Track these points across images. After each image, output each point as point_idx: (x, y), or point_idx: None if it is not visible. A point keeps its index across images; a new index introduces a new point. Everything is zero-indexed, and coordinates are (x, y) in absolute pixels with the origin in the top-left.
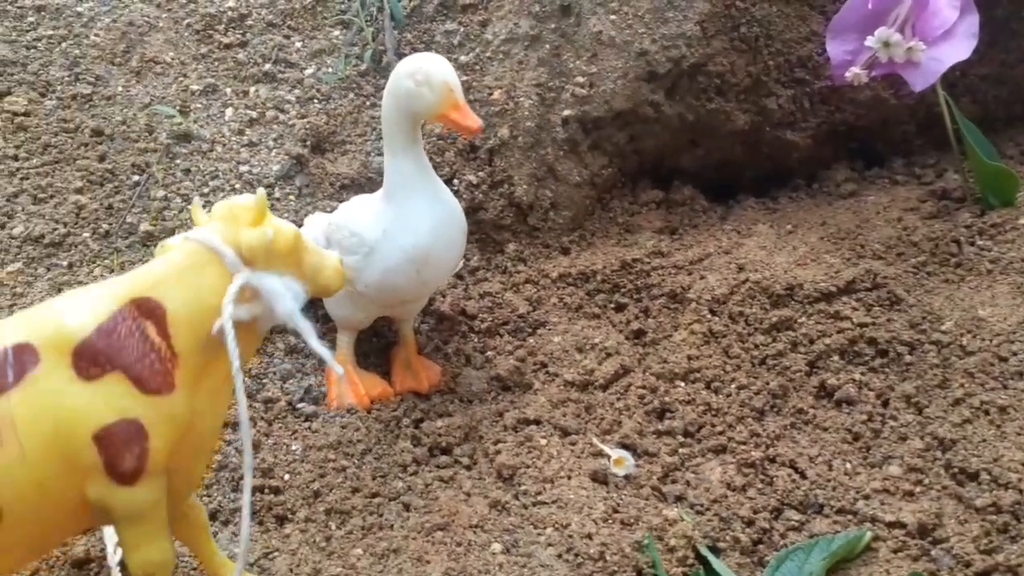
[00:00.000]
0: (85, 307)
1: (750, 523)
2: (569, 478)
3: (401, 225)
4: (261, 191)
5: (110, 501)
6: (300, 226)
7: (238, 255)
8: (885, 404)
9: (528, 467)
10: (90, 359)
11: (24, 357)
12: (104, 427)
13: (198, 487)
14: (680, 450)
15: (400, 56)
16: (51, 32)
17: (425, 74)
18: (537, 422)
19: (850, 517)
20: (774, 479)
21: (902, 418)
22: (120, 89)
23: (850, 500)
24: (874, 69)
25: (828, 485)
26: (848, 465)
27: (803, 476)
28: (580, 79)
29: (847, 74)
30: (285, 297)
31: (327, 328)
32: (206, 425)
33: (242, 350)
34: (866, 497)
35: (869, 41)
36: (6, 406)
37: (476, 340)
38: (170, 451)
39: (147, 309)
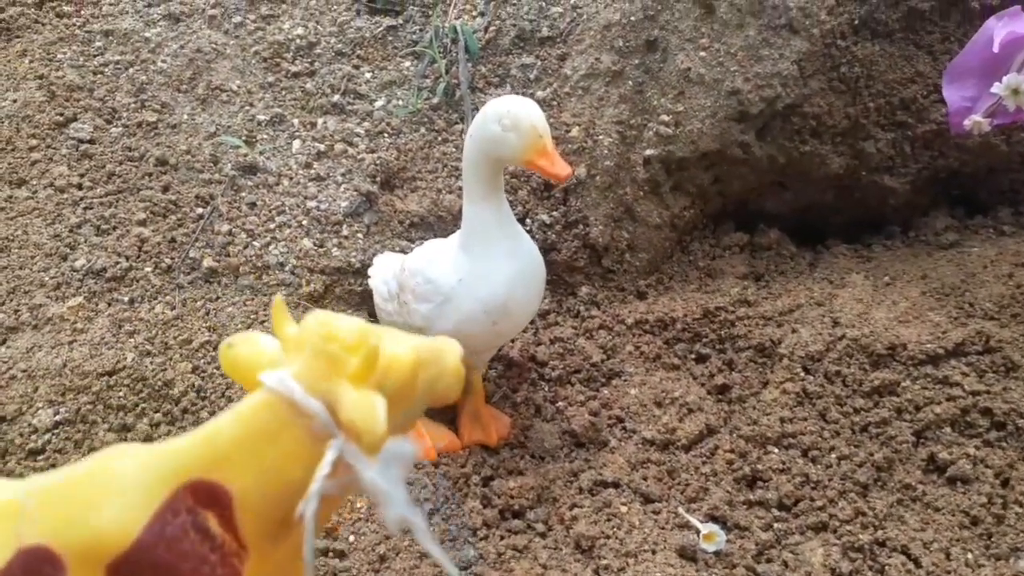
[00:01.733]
0: (123, 499)
1: None
2: (654, 552)
3: (478, 275)
4: (362, 325)
5: None
6: (368, 266)
7: (330, 411)
8: (1005, 484)
9: (608, 538)
10: None
11: (43, 569)
12: None
13: None
14: (775, 525)
15: (474, 90)
16: (118, 58)
17: (513, 118)
18: (616, 485)
19: None
20: (885, 567)
21: None
22: (186, 117)
23: None
24: (997, 117)
25: None
26: (969, 555)
27: (918, 564)
28: (665, 117)
29: (966, 122)
30: (396, 491)
31: None
32: None
33: (324, 518)
34: None
35: (995, 88)
36: None
37: (547, 389)
38: None
39: (208, 496)
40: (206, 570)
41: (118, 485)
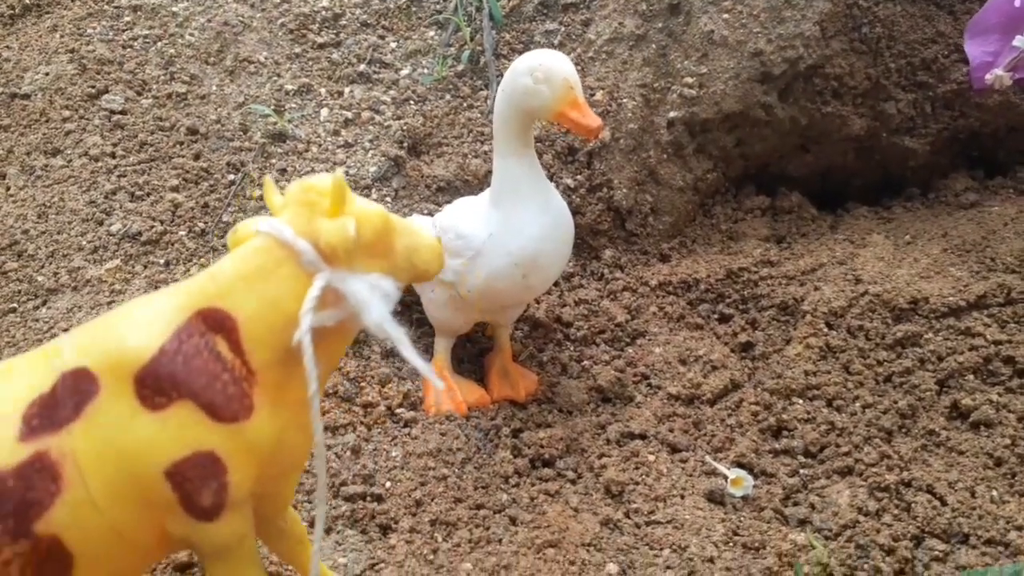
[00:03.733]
0: (145, 323)
1: (890, 551)
2: (682, 497)
3: (509, 229)
4: (339, 172)
5: (192, 537)
6: None
7: (317, 250)
8: None
9: (637, 484)
10: (154, 386)
11: (83, 385)
12: (175, 462)
13: (289, 504)
14: (801, 471)
15: (498, 57)
16: (147, 32)
17: (546, 71)
18: (643, 436)
19: (1001, 549)
20: (911, 505)
21: None
22: (215, 88)
23: (1000, 530)
24: (1018, 71)
25: (973, 514)
26: (994, 492)
27: (943, 503)
28: (689, 79)
29: (987, 76)
30: (372, 303)
31: (422, 332)
32: (294, 441)
33: (330, 355)
34: (1019, 528)
35: (1017, 41)
36: (68, 442)
37: (572, 348)
38: (254, 480)
39: (215, 322)
40: (218, 386)
41: (141, 314)
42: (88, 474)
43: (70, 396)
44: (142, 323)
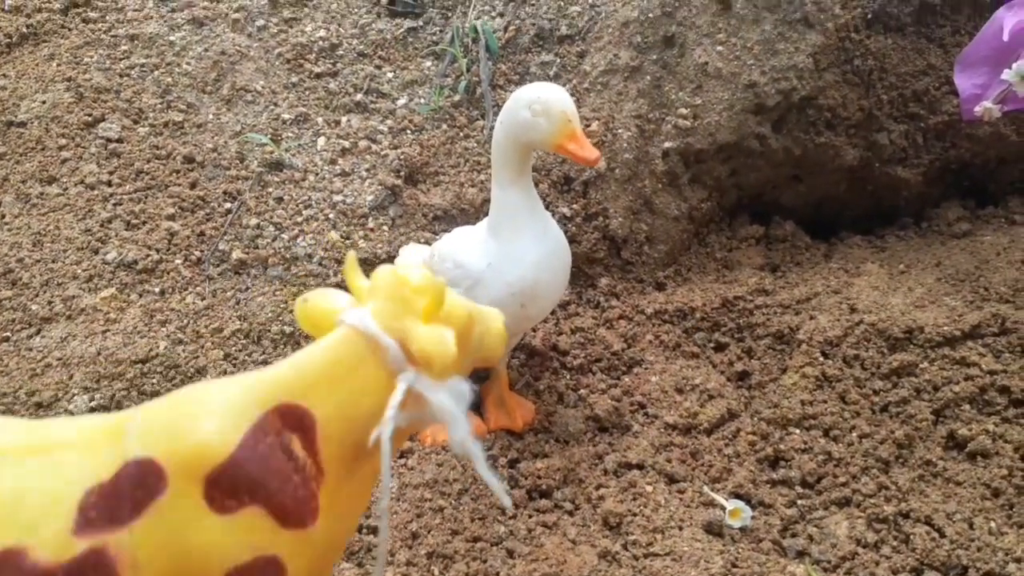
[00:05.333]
0: (220, 416)
1: None
2: (681, 528)
3: (507, 259)
4: (429, 274)
5: None
6: (394, 257)
7: (402, 348)
8: None
9: (635, 515)
10: (226, 489)
11: (149, 479)
12: (237, 566)
13: None
14: (799, 501)
15: (494, 87)
16: (144, 60)
17: (544, 103)
18: (640, 467)
19: None
20: (910, 537)
21: None
22: (211, 117)
23: (999, 562)
24: (1007, 103)
25: (971, 545)
26: (992, 524)
27: (942, 534)
28: (683, 111)
29: (977, 109)
30: (459, 418)
31: None
32: (343, 534)
33: (393, 450)
34: (1017, 560)
35: (1005, 75)
36: (127, 540)
37: (568, 377)
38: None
39: (295, 419)
40: (290, 488)
41: (218, 404)
42: (145, 573)
43: (134, 490)
44: (217, 415)
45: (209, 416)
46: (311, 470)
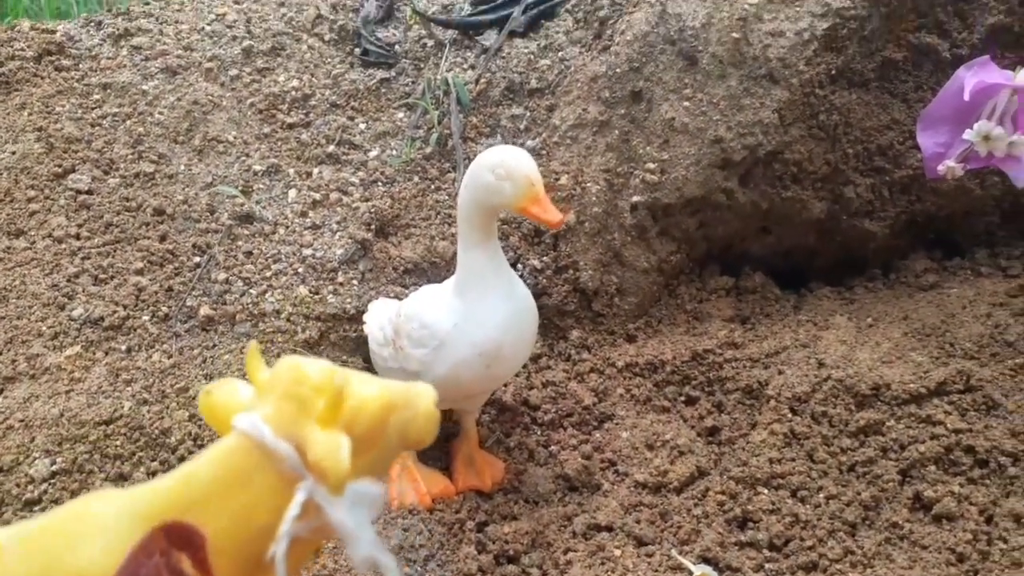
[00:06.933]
0: (100, 539)
1: None
2: None
3: (472, 320)
4: (330, 367)
5: None
6: (363, 312)
7: (300, 454)
8: (989, 521)
9: None
10: None
11: None
12: None
13: None
14: (767, 565)
15: (465, 140)
16: (116, 110)
17: (507, 168)
18: (609, 529)
19: None
20: None
21: (1013, 540)
22: (183, 168)
23: None
24: (970, 162)
25: None
26: None
27: None
28: (651, 165)
29: (940, 167)
30: (362, 532)
31: None
32: None
33: (299, 558)
34: None
35: (967, 135)
36: None
37: (539, 433)
38: None
39: (182, 538)
40: None
41: (95, 526)
42: None
43: None
44: (96, 540)
45: (86, 540)
46: None
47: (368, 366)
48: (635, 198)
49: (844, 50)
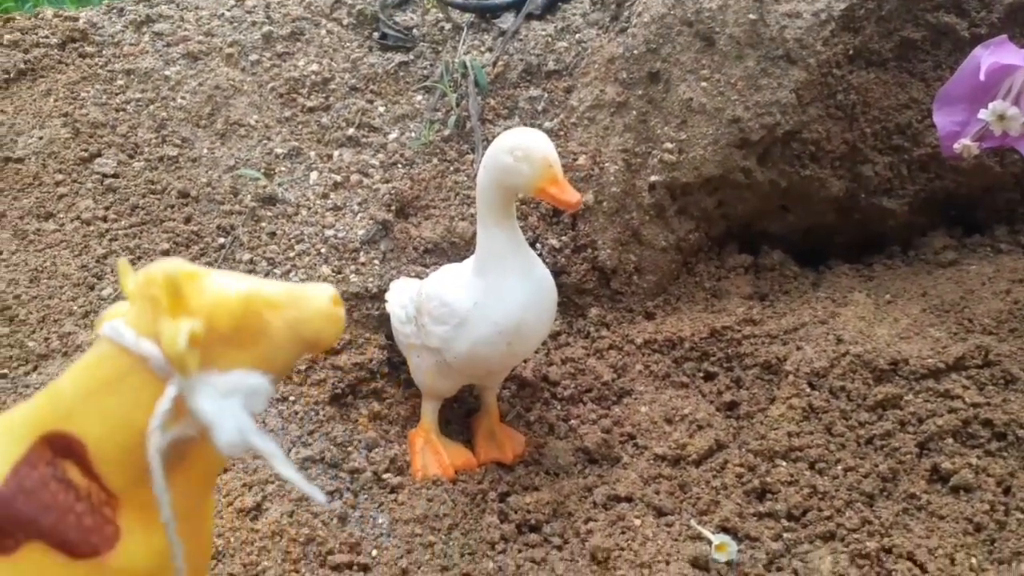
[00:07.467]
0: None
1: None
2: (667, 563)
3: (492, 298)
4: (173, 263)
5: None
6: (385, 291)
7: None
8: (1007, 492)
9: (623, 550)
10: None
11: None
12: None
13: None
14: (785, 535)
15: (484, 122)
16: (139, 95)
17: (525, 150)
18: (629, 500)
19: None
20: (892, 573)
21: None
22: (205, 151)
23: None
24: (985, 141)
25: None
26: (974, 560)
27: (924, 570)
28: (669, 145)
29: (956, 146)
30: (225, 418)
31: (408, 394)
32: (188, 550)
33: (209, 463)
34: None
35: (982, 114)
36: None
37: (559, 408)
38: None
39: (62, 447)
40: (71, 519)
41: None
42: None
43: None
44: None
45: None
46: (98, 496)
47: (391, 343)
48: (653, 177)
49: (862, 30)
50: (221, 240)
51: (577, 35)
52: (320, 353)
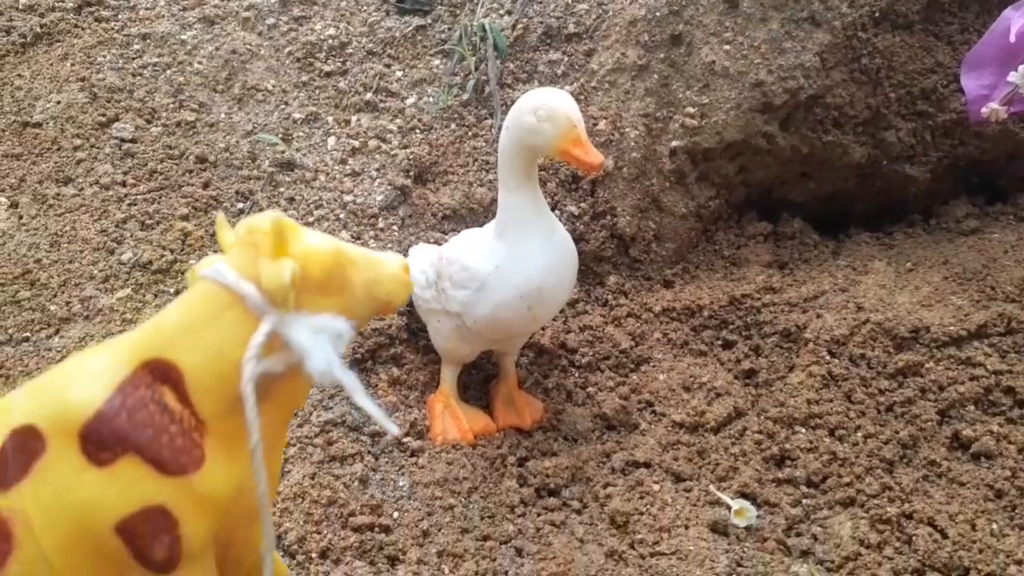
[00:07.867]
0: (88, 378)
1: None
2: (686, 527)
3: (514, 262)
4: (276, 213)
5: None
6: (405, 255)
7: (262, 293)
8: None
9: (642, 514)
10: (99, 442)
11: (30, 443)
12: (124, 518)
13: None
14: (804, 501)
15: (502, 86)
16: (156, 60)
17: (548, 109)
18: (647, 465)
19: None
20: (913, 538)
21: None
22: (223, 116)
23: (1000, 564)
24: (1014, 105)
25: (973, 547)
26: (994, 526)
27: (944, 535)
28: (690, 109)
29: (983, 110)
30: (315, 350)
31: (428, 359)
32: (255, 487)
33: (288, 399)
34: (1018, 562)
35: (1011, 77)
36: (18, 501)
37: (577, 375)
38: (211, 530)
39: (161, 373)
40: (164, 439)
41: (88, 368)
42: (40, 532)
43: (18, 455)
44: (86, 378)
45: (78, 379)
46: (189, 421)
47: (411, 309)
48: (674, 143)
49: None
50: (240, 205)
51: None
52: (389, 313)
